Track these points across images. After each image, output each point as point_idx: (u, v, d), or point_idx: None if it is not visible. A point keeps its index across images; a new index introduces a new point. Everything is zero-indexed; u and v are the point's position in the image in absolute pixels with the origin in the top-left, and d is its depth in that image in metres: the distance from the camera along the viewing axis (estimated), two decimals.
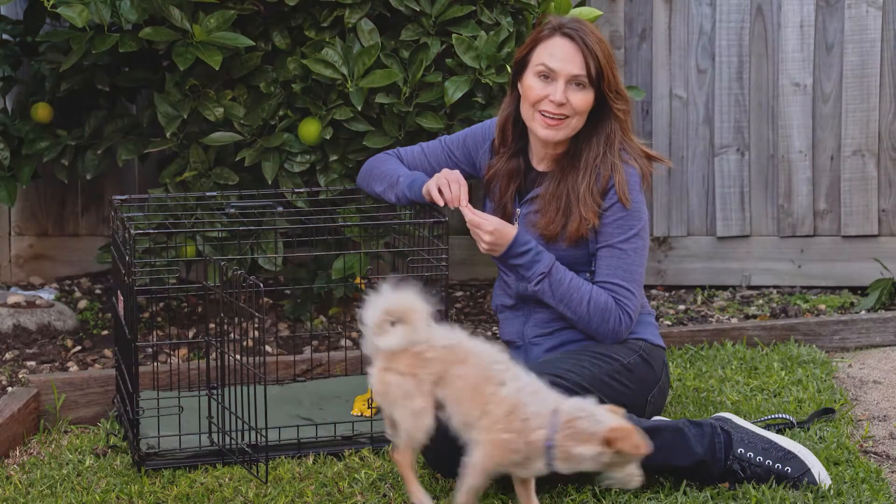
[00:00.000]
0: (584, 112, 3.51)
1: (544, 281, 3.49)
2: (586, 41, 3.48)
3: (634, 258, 3.51)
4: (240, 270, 3.40)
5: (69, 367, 4.20)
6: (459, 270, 5.22)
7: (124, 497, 3.29)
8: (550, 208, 3.54)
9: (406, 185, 3.70)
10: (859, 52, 5.12)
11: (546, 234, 3.55)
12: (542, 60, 3.51)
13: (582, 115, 3.51)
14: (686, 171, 5.22)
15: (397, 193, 3.73)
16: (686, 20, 5.16)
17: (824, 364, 4.30)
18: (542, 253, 3.51)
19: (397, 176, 3.74)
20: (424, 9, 4.30)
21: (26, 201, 5.15)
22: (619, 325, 3.51)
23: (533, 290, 3.53)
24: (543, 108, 3.50)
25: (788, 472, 3.26)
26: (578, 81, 3.49)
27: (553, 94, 3.48)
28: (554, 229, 3.53)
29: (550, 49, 3.51)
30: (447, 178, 3.61)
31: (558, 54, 3.50)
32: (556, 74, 3.49)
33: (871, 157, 5.16)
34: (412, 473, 3.08)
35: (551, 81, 3.50)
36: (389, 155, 3.86)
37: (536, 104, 3.51)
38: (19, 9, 4.86)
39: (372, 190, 3.83)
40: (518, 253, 3.51)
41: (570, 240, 3.53)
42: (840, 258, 5.22)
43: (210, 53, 4.08)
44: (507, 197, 3.64)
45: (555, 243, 3.55)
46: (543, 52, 3.52)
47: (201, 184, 4.38)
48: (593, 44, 3.48)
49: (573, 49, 3.49)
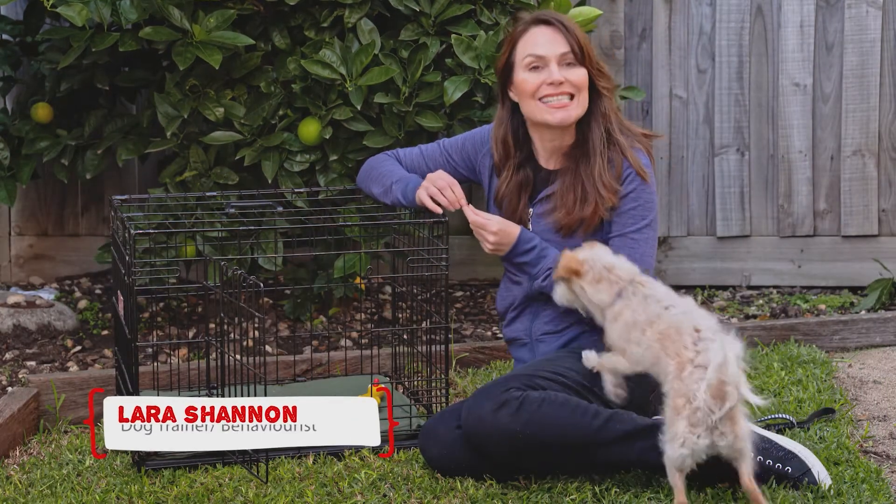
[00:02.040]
0: (585, 87, 3.52)
1: (551, 276, 3.49)
2: (563, 23, 3.52)
3: (645, 248, 3.51)
4: (240, 270, 3.40)
5: (69, 367, 4.20)
6: (459, 270, 5.22)
7: (124, 497, 3.29)
8: (568, 199, 3.53)
9: (400, 193, 3.69)
10: (859, 52, 5.12)
11: (566, 225, 3.52)
12: (527, 52, 3.52)
13: (584, 91, 3.51)
14: (686, 171, 5.22)
15: (392, 199, 3.73)
16: (686, 20, 5.16)
17: (824, 364, 4.29)
18: (546, 248, 3.52)
19: (391, 182, 3.72)
20: (424, 8, 4.30)
21: (26, 201, 5.15)
22: None
23: (540, 286, 3.53)
24: (544, 93, 3.50)
25: (789, 471, 3.26)
26: (568, 61, 3.50)
27: (549, 76, 3.49)
28: (574, 219, 3.51)
29: (532, 39, 3.52)
30: (437, 185, 3.61)
31: (542, 41, 3.51)
32: (545, 60, 3.50)
33: (871, 157, 5.16)
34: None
35: (543, 68, 3.50)
36: (388, 156, 3.84)
37: (536, 94, 3.51)
38: (19, 9, 4.87)
39: (370, 192, 3.83)
40: (524, 250, 3.52)
41: (588, 226, 3.51)
42: (840, 258, 5.22)
43: (210, 53, 4.08)
44: (520, 208, 3.62)
45: (572, 236, 3.53)
46: (527, 45, 3.53)
47: (201, 184, 4.38)
48: (570, 24, 3.52)
49: (554, 32, 3.51)
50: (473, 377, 4.20)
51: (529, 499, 3.23)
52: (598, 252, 3.36)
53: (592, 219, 3.50)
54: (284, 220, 4.14)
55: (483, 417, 3.24)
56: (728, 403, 2.96)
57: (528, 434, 3.20)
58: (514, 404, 3.22)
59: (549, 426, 3.20)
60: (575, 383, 3.36)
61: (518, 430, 3.21)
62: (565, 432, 3.20)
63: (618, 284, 3.29)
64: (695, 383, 2.98)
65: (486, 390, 3.31)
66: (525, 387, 3.29)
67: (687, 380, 3.00)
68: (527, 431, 3.20)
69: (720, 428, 2.98)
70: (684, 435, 2.99)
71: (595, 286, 3.32)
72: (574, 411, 3.22)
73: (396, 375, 4.08)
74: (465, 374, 4.26)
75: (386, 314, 4.78)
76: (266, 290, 4.23)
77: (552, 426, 3.20)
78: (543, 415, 3.21)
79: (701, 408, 2.96)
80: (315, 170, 4.39)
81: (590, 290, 3.32)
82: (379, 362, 4.15)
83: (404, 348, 4.03)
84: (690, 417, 2.98)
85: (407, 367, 4.02)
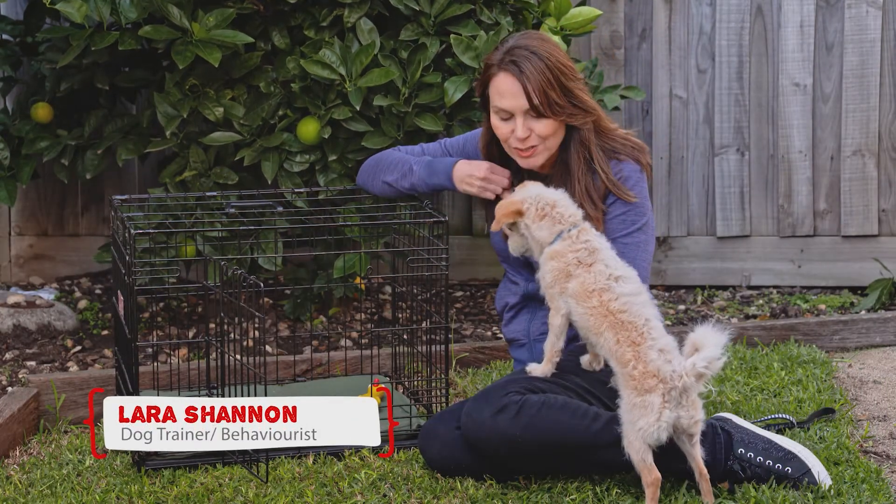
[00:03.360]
0: (552, 133, 3.45)
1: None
2: (524, 71, 3.39)
3: (637, 252, 3.50)
4: (240, 270, 3.40)
5: (69, 367, 4.20)
6: (459, 270, 5.22)
7: (124, 497, 3.28)
8: None
9: (425, 173, 3.67)
10: (859, 52, 5.12)
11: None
12: (495, 102, 3.46)
13: (552, 137, 3.46)
14: (686, 171, 5.22)
15: (413, 181, 3.70)
16: (686, 20, 5.16)
17: (824, 364, 4.29)
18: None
19: (410, 164, 3.70)
20: (424, 8, 4.29)
21: (26, 201, 5.15)
22: None
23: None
24: (513, 144, 3.49)
25: (789, 472, 3.26)
26: (533, 112, 3.42)
27: (515, 130, 3.45)
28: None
29: (499, 88, 3.44)
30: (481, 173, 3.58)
31: (507, 92, 3.42)
32: (511, 113, 3.44)
33: (871, 157, 5.16)
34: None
35: (510, 119, 3.45)
36: (396, 149, 3.85)
37: (506, 141, 3.50)
38: (19, 9, 4.87)
39: (376, 180, 3.79)
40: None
41: None
42: (840, 258, 5.22)
43: (209, 51, 4.08)
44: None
45: None
46: (495, 94, 3.46)
47: (201, 183, 4.38)
48: (531, 73, 3.38)
49: (515, 84, 3.40)
50: (473, 377, 4.20)
51: (529, 499, 3.23)
52: (537, 189, 3.37)
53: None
54: (284, 220, 4.14)
55: (482, 421, 3.24)
56: (703, 384, 3.10)
57: (528, 438, 3.20)
58: (514, 408, 3.22)
59: (548, 430, 3.20)
60: (574, 385, 3.36)
61: (518, 433, 3.20)
62: (565, 435, 3.20)
63: (560, 224, 3.30)
64: (664, 364, 3.08)
65: (485, 394, 3.30)
66: (524, 390, 3.28)
67: (653, 363, 3.08)
68: (526, 435, 3.20)
69: (684, 402, 3.09)
70: (660, 409, 3.06)
71: (538, 223, 3.33)
72: (573, 414, 3.22)
73: (396, 375, 4.08)
74: (465, 374, 4.26)
75: (386, 314, 4.78)
76: (266, 290, 4.23)
77: (552, 430, 3.20)
78: (543, 418, 3.21)
79: (678, 387, 3.06)
80: (315, 170, 4.39)
81: (533, 227, 3.34)
82: (379, 362, 4.15)
83: (404, 348, 4.03)
84: (665, 395, 3.07)
85: (407, 367, 4.02)
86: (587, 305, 3.20)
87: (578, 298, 3.22)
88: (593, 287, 3.20)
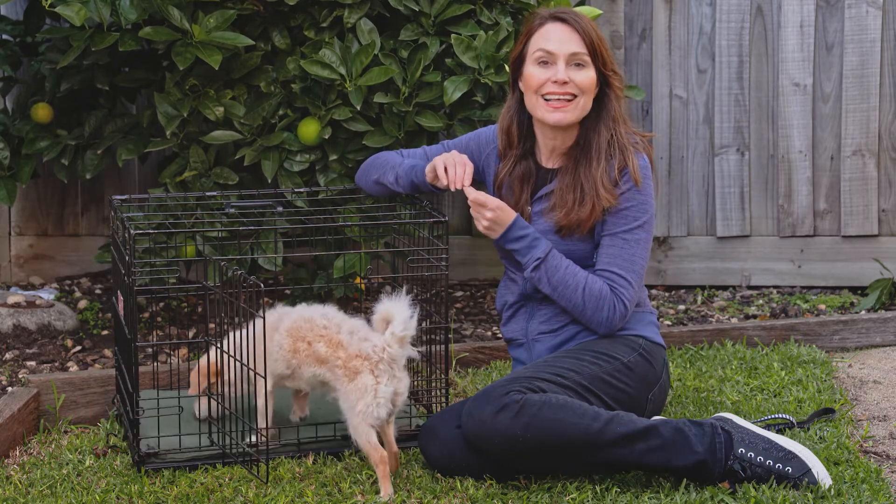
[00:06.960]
0: (590, 91, 3.51)
1: (540, 267, 3.50)
2: (580, 21, 3.52)
3: (636, 249, 3.51)
4: (240, 270, 3.40)
5: (69, 367, 4.20)
6: (459, 270, 5.22)
7: (124, 497, 3.29)
8: (568, 200, 3.53)
9: (408, 166, 3.72)
10: (859, 52, 5.12)
11: (565, 226, 3.53)
12: (539, 46, 3.52)
13: (588, 94, 3.51)
14: (686, 171, 5.22)
15: (397, 173, 3.72)
16: (686, 20, 5.16)
17: (824, 364, 4.29)
18: (539, 239, 3.52)
19: (398, 162, 3.76)
20: (423, 8, 4.30)
21: (26, 201, 5.16)
22: (613, 313, 3.50)
23: (528, 276, 3.53)
24: (547, 91, 3.51)
25: (789, 472, 3.26)
26: (578, 61, 3.50)
27: (555, 74, 3.49)
28: (573, 220, 3.52)
29: (546, 34, 3.53)
30: (455, 159, 3.60)
31: (554, 37, 3.51)
32: (554, 57, 3.50)
33: (871, 157, 5.16)
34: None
35: (551, 65, 3.51)
36: (395, 152, 3.87)
37: (539, 90, 3.52)
38: (19, 9, 4.87)
39: (368, 180, 3.83)
40: (516, 237, 3.52)
41: (585, 227, 3.52)
42: (840, 258, 5.22)
43: (210, 53, 4.08)
44: (522, 200, 3.63)
45: (570, 235, 3.54)
46: (539, 39, 3.53)
47: (201, 184, 4.38)
48: (586, 24, 3.52)
49: (568, 30, 3.52)
50: (473, 377, 4.20)
51: (529, 499, 3.23)
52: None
53: (589, 219, 3.51)
54: (284, 220, 4.14)
55: (483, 421, 3.24)
56: (407, 350, 3.29)
57: (529, 437, 3.20)
58: (515, 408, 3.22)
59: (549, 429, 3.20)
60: (575, 384, 3.36)
61: (518, 433, 3.20)
62: (565, 435, 3.20)
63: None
64: (362, 343, 3.26)
65: (485, 393, 3.30)
66: (525, 389, 3.28)
67: (352, 346, 3.26)
68: (527, 434, 3.20)
69: (396, 373, 3.26)
70: (373, 387, 3.23)
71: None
72: (574, 414, 3.22)
73: None
74: (465, 374, 4.26)
75: None
76: (266, 290, 4.23)
77: (552, 429, 3.20)
78: (543, 418, 3.21)
79: (384, 359, 3.23)
80: (315, 170, 4.39)
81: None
82: None
83: None
84: (374, 370, 3.23)
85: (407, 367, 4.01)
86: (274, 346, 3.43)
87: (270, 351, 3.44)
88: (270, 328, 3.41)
